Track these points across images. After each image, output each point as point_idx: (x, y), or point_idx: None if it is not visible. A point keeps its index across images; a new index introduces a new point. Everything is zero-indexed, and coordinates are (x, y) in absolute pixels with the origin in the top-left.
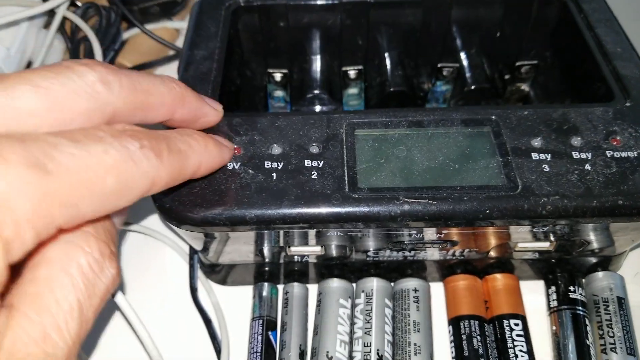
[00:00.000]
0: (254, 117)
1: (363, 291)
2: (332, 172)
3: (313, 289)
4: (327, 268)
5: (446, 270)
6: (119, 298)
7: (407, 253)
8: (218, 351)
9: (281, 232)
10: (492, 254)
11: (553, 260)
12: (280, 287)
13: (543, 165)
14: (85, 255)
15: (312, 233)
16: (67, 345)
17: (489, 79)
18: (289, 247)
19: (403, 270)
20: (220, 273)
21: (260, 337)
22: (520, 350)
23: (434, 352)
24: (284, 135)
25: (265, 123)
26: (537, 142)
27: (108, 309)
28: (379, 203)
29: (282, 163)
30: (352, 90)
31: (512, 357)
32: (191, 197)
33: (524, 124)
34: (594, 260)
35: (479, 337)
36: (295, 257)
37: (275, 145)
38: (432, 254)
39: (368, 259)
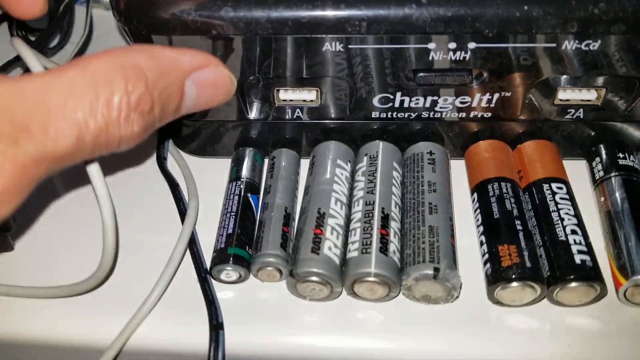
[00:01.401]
0: None
1: (366, 154)
2: None
3: (305, 164)
4: (323, 133)
5: (469, 139)
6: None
7: (419, 103)
8: (183, 213)
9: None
10: (524, 115)
11: (594, 134)
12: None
13: None
14: (125, 93)
15: (305, 58)
16: (39, 154)
17: None
18: (278, 90)
19: (414, 139)
20: (194, 141)
21: (237, 197)
22: (567, 214)
23: (454, 216)
24: None
25: None
26: None
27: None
28: None
29: None
30: None
31: (557, 222)
32: None
33: None
34: None
35: (512, 200)
36: (286, 111)
37: None
38: (451, 109)
39: (373, 114)
